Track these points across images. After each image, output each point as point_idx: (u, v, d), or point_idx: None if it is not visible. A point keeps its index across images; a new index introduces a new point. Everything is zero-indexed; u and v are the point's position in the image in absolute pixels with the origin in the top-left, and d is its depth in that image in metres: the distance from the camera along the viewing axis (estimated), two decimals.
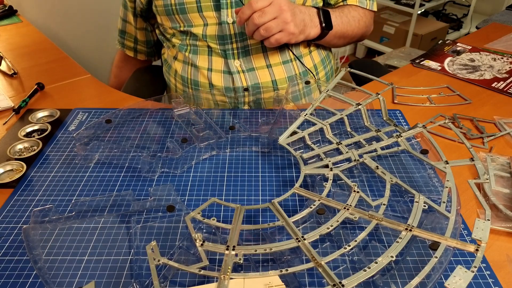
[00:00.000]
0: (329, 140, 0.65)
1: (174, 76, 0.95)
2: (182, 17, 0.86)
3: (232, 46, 0.87)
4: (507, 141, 0.71)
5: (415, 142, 0.68)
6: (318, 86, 0.94)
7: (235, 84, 0.88)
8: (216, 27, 0.86)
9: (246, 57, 0.88)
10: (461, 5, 2.98)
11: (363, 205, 0.53)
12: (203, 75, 0.89)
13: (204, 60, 0.89)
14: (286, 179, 0.62)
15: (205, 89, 0.90)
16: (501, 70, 0.96)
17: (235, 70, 0.88)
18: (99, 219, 0.54)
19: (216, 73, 0.89)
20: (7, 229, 0.54)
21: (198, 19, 0.86)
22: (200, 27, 0.87)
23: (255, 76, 0.89)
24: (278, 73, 0.89)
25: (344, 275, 0.45)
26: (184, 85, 0.93)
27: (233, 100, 0.88)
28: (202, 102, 0.88)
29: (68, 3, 1.67)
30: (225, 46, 0.87)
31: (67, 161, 0.66)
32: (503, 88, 0.89)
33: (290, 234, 0.48)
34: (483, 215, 0.50)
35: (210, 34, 0.87)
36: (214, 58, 0.89)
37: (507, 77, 0.93)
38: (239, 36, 0.86)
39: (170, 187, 0.57)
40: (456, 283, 0.40)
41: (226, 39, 0.86)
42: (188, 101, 0.88)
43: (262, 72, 0.89)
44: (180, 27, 0.89)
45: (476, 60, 1.02)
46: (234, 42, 0.86)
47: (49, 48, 1.09)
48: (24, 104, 0.80)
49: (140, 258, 0.48)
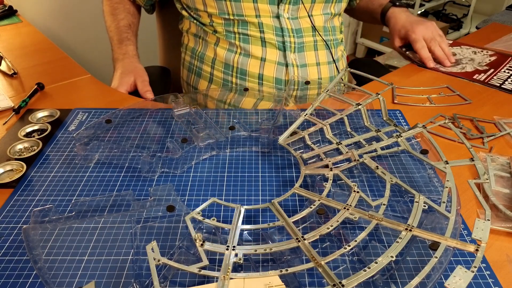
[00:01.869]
0: (329, 140, 0.65)
1: (212, 64, 0.93)
2: (234, 5, 0.86)
3: (290, 40, 0.89)
4: (507, 141, 0.71)
5: (415, 142, 0.68)
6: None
7: (288, 76, 0.90)
8: (272, 19, 0.88)
9: (300, 53, 0.91)
10: (461, 5, 2.98)
11: (363, 205, 0.53)
12: (254, 64, 0.89)
13: (257, 50, 0.89)
14: (286, 179, 0.62)
15: (253, 78, 0.91)
16: (482, 62, 1.00)
17: (291, 63, 0.89)
18: (99, 219, 0.54)
19: (269, 63, 0.89)
20: (7, 229, 0.53)
21: (251, 10, 0.87)
22: (253, 17, 0.87)
23: (305, 72, 0.91)
24: (323, 72, 0.93)
25: (344, 275, 0.45)
26: (226, 74, 0.92)
27: (282, 93, 0.87)
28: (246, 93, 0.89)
29: (68, 3, 1.67)
30: (284, 38, 0.89)
31: (67, 161, 0.66)
32: (484, 79, 0.92)
33: (290, 234, 0.48)
34: (483, 215, 0.50)
35: (266, 23, 0.88)
36: (268, 49, 0.89)
37: (487, 69, 0.96)
38: (296, 32, 0.90)
39: (170, 187, 0.57)
40: (456, 283, 0.40)
41: (286, 32, 0.88)
42: (228, 91, 0.91)
43: (312, 69, 0.92)
44: (229, 15, 0.88)
45: (458, 53, 1.05)
46: (292, 36, 0.89)
47: (49, 48, 1.09)
48: (24, 104, 0.80)
49: (140, 258, 0.48)
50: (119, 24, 0.99)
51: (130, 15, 1.02)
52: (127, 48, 0.95)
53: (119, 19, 1.00)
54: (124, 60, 0.93)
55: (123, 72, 0.90)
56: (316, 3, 0.90)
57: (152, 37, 1.19)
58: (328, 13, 0.94)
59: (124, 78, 0.88)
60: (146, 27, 1.45)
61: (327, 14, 0.94)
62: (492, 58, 1.02)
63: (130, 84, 0.88)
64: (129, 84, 0.88)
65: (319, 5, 0.91)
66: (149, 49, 1.38)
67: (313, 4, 0.90)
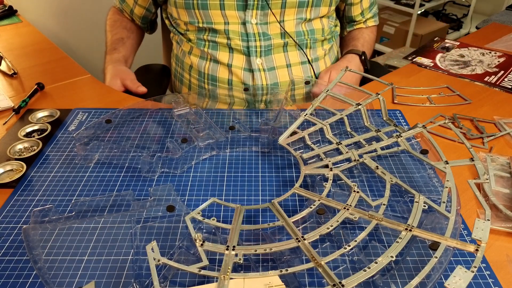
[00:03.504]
0: (329, 140, 0.65)
1: (189, 71, 0.95)
2: (202, 13, 0.87)
3: (255, 44, 0.88)
4: (507, 141, 0.71)
5: (415, 142, 0.68)
6: None
7: (255, 82, 0.89)
8: (239, 25, 0.88)
9: (267, 56, 0.89)
10: (461, 5, 2.98)
11: (363, 205, 0.53)
12: (223, 70, 0.90)
13: (224, 56, 0.90)
14: (286, 179, 0.62)
15: (223, 84, 0.91)
16: (491, 64, 0.99)
17: (257, 68, 0.88)
18: (99, 219, 0.54)
19: (236, 69, 0.89)
20: (7, 229, 0.54)
21: (219, 17, 0.87)
22: (221, 24, 0.88)
23: (275, 75, 0.90)
24: (296, 73, 0.91)
25: (344, 275, 0.45)
26: (200, 80, 0.93)
27: (251, 97, 0.88)
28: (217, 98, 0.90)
29: (68, 3, 1.67)
30: (248, 43, 0.88)
31: (67, 161, 0.66)
32: (496, 82, 0.91)
33: (290, 234, 0.48)
34: (483, 215, 0.50)
35: (233, 30, 0.88)
36: (235, 55, 0.89)
37: (497, 71, 0.95)
38: (263, 36, 0.88)
39: (170, 187, 0.57)
40: (456, 283, 0.40)
41: (250, 36, 0.88)
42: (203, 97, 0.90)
43: (281, 71, 0.90)
44: (199, 23, 0.89)
45: (466, 55, 1.04)
46: (258, 40, 0.88)
47: (49, 48, 1.09)
48: (24, 104, 0.80)
49: (140, 258, 0.48)
50: (112, 38, 1.02)
51: (126, 30, 1.04)
52: (112, 56, 0.98)
53: (113, 34, 1.03)
54: (109, 66, 0.96)
55: (109, 77, 0.93)
56: (287, 8, 0.87)
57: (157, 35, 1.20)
58: (302, 18, 0.90)
59: (111, 82, 0.91)
60: None
61: (301, 19, 0.91)
62: (501, 60, 1.01)
63: (119, 87, 0.91)
64: (117, 87, 0.90)
65: (291, 10, 0.88)
66: (154, 47, 1.39)
67: (284, 10, 0.88)
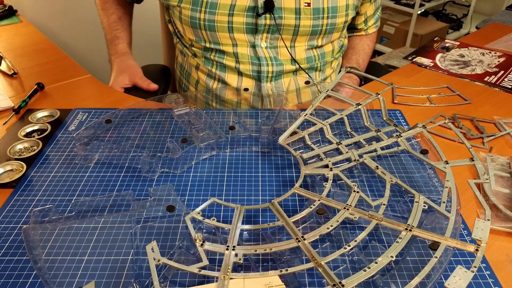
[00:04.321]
0: (329, 140, 0.65)
1: (195, 86, 0.93)
2: (209, 34, 0.83)
3: (267, 69, 0.85)
4: (507, 141, 0.71)
5: (415, 142, 0.68)
6: None
7: (264, 106, 0.88)
8: (248, 48, 0.85)
9: (277, 81, 0.88)
10: (461, 5, 2.99)
11: (363, 205, 0.53)
12: (231, 93, 0.88)
13: (233, 79, 0.87)
14: (286, 179, 0.62)
15: (231, 105, 0.89)
16: (491, 64, 0.99)
17: (266, 93, 0.86)
18: (99, 219, 0.54)
19: (246, 94, 0.87)
20: (7, 229, 0.53)
21: (227, 39, 0.84)
22: (229, 46, 0.85)
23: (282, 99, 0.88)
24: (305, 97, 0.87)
25: (344, 275, 0.45)
26: (207, 98, 0.90)
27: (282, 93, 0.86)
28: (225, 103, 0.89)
29: (68, 3, 1.67)
30: (260, 67, 0.85)
31: (67, 161, 0.66)
32: (496, 82, 0.91)
33: (290, 234, 0.48)
34: (483, 215, 0.50)
35: (242, 53, 0.84)
36: (244, 78, 0.87)
37: (497, 71, 0.95)
38: (275, 60, 0.85)
39: (170, 187, 0.57)
40: (456, 283, 0.40)
41: (262, 60, 0.84)
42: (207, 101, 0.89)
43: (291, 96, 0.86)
44: (205, 43, 0.86)
45: (466, 55, 1.04)
46: (270, 65, 0.85)
47: (49, 48, 1.09)
48: (24, 104, 0.80)
49: (140, 258, 0.48)
50: (109, 19, 0.98)
51: (120, 6, 1.00)
52: (117, 47, 0.96)
53: (109, 14, 0.99)
54: (116, 60, 0.94)
55: (117, 72, 0.91)
56: (299, 35, 0.85)
57: (156, 35, 1.19)
58: (313, 45, 0.88)
59: (118, 78, 0.90)
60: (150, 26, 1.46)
61: (312, 46, 0.89)
62: (501, 59, 1.01)
63: (125, 84, 0.90)
64: (124, 83, 0.89)
65: (303, 37, 0.86)
66: (154, 47, 1.38)
67: (296, 37, 0.85)
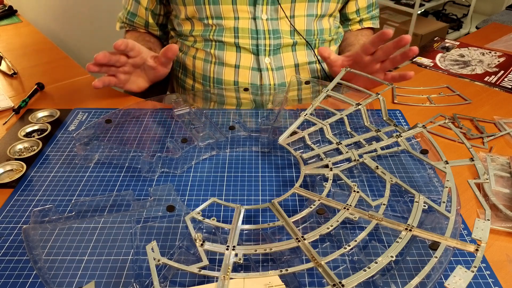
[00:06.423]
0: (329, 140, 0.65)
1: (193, 76, 0.94)
2: (212, 8, 0.85)
3: (265, 42, 0.86)
4: (507, 141, 0.71)
5: (415, 142, 0.68)
6: None
7: (263, 82, 0.88)
8: (249, 21, 0.86)
9: (276, 55, 0.88)
10: (461, 5, 2.99)
11: (363, 205, 0.53)
12: (229, 72, 0.89)
13: (231, 57, 0.88)
14: (286, 179, 0.62)
15: (229, 86, 0.90)
16: (491, 64, 0.99)
17: (265, 67, 0.87)
18: (99, 219, 0.54)
19: (244, 69, 0.88)
20: (7, 229, 0.54)
21: (230, 12, 0.85)
22: (231, 20, 0.86)
23: (282, 75, 0.89)
24: (303, 73, 0.90)
25: (344, 275, 0.45)
26: (205, 85, 0.92)
27: (259, 98, 0.87)
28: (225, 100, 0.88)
29: (68, 3, 1.67)
30: (258, 41, 0.86)
31: (67, 161, 0.66)
32: (496, 82, 0.91)
33: (290, 234, 0.48)
34: (483, 215, 0.50)
35: (243, 27, 0.86)
36: (243, 54, 0.88)
37: (497, 71, 0.95)
38: (273, 33, 0.87)
39: (170, 187, 0.57)
40: (456, 283, 0.40)
41: (260, 34, 0.86)
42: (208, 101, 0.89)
43: (289, 71, 0.89)
44: (208, 19, 0.87)
45: (466, 55, 1.04)
46: (268, 38, 0.86)
47: (49, 48, 1.09)
48: (24, 104, 0.80)
49: (140, 258, 0.48)
50: None
51: (150, 43, 1.00)
52: None
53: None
54: None
55: None
56: (297, 2, 0.86)
57: None
58: (313, 14, 0.89)
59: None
60: None
61: (312, 16, 0.91)
62: (501, 59, 1.01)
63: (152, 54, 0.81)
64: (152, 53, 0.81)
65: (302, 4, 0.87)
66: None
67: (294, 4, 0.86)
